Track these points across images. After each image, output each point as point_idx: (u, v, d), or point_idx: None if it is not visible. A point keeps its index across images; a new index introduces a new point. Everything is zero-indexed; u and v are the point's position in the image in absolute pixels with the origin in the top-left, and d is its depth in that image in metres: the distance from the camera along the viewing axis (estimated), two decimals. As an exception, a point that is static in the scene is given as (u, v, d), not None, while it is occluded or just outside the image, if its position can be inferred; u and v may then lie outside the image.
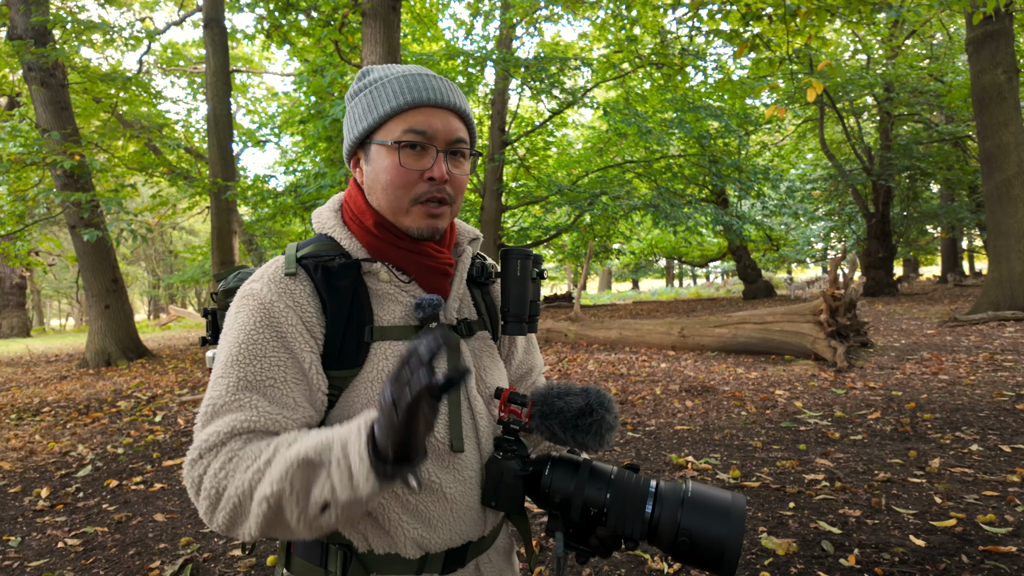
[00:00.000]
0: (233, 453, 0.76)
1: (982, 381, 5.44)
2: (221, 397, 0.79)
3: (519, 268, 0.96)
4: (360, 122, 0.90)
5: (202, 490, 0.75)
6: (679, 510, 0.77)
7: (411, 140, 0.85)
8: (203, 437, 0.78)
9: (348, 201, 0.95)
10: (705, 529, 0.75)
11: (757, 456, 3.89)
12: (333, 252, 0.89)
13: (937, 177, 18.49)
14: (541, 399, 0.87)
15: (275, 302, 0.83)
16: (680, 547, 0.77)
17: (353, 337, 0.86)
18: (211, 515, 0.76)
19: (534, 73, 12.82)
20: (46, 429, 5.70)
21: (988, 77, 9.62)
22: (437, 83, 0.88)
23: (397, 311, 0.89)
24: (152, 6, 17.37)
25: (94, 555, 2.97)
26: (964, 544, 2.57)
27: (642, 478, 0.83)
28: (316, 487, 0.69)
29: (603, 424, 0.85)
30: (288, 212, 10.86)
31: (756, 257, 25.38)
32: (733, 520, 0.75)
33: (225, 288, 1.06)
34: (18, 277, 21.55)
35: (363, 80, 0.92)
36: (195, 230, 35.27)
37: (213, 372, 0.83)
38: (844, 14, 7.11)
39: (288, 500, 0.70)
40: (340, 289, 0.86)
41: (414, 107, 0.86)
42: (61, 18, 9.82)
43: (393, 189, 0.87)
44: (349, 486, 0.67)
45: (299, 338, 0.83)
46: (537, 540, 2.87)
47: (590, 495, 0.82)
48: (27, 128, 9.53)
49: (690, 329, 8.59)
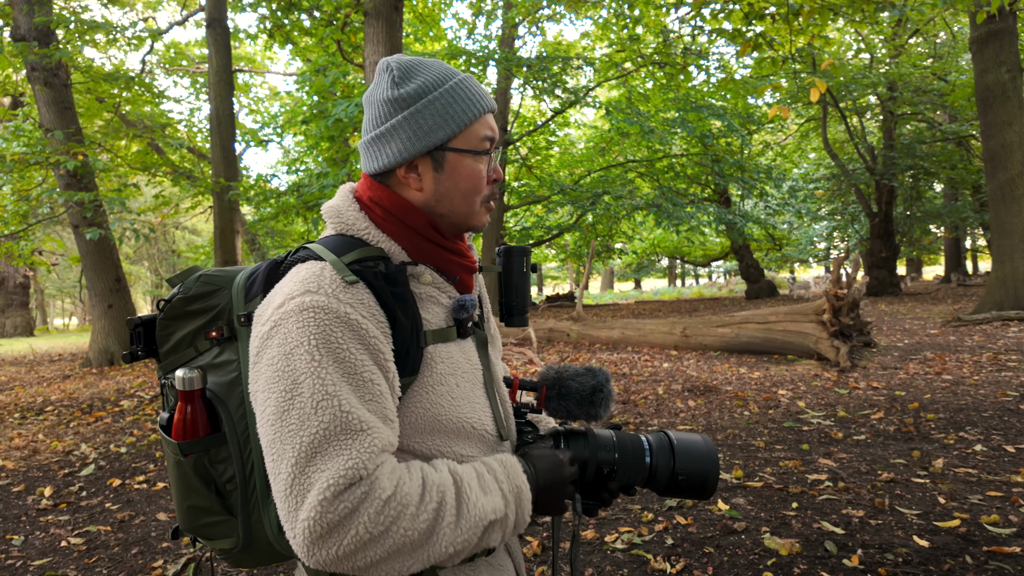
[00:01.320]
0: (386, 494, 0.71)
1: (986, 381, 5.42)
2: (336, 420, 0.71)
3: (524, 264, 1.04)
4: (437, 130, 0.86)
5: (350, 532, 0.69)
6: (671, 458, 0.95)
7: (488, 148, 0.90)
8: (336, 469, 0.69)
9: (376, 201, 0.89)
10: (693, 468, 0.95)
11: (760, 456, 3.88)
12: (376, 257, 0.84)
13: (940, 176, 18.45)
14: (555, 382, 0.98)
15: (350, 313, 0.76)
16: (679, 484, 0.95)
17: (414, 344, 0.83)
18: (354, 556, 0.70)
19: (536, 72, 12.81)
20: (49, 428, 5.72)
21: (992, 76, 9.59)
22: (482, 88, 0.92)
23: (440, 313, 0.89)
24: (155, 6, 17.40)
25: (97, 554, 2.97)
26: (968, 545, 2.56)
27: (634, 435, 0.99)
28: (492, 538, 0.80)
29: (611, 396, 0.99)
30: (291, 212, 10.87)
31: (759, 257, 25.35)
32: (711, 458, 0.95)
33: (186, 295, 0.91)
34: (22, 276, 21.61)
35: (409, 85, 0.86)
36: (198, 230, 35.33)
37: (294, 392, 0.72)
38: (847, 13, 7.09)
39: (463, 553, 0.78)
40: (403, 297, 0.83)
41: (484, 114, 0.90)
42: (64, 18, 9.85)
43: (474, 195, 0.90)
44: (513, 532, 0.82)
45: (382, 349, 0.78)
46: (539, 540, 2.87)
47: (603, 456, 0.96)
48: (31, 128, 9.56)
49: (693, 329, 8.57)
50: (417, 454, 0.85)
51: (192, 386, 0.87)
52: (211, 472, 0.88)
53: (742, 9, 6.82)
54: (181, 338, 0.92)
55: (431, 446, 0.85)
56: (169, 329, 0.93)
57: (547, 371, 1.00)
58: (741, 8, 6.84)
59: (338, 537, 0.69)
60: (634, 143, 15.85)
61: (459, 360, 0.89)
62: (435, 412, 0.84)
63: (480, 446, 0.90)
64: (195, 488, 0.89)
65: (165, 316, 0.93)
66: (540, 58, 13.13)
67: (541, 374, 1.00)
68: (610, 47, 14.48)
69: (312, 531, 0.69)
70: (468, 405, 0.88)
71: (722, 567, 2.53)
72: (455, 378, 0.87)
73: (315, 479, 0.70)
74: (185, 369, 0.87)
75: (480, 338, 0.96)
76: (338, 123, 8.18)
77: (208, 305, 0.91)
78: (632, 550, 2.73)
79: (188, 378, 0.86)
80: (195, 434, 0.87)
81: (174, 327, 0.93)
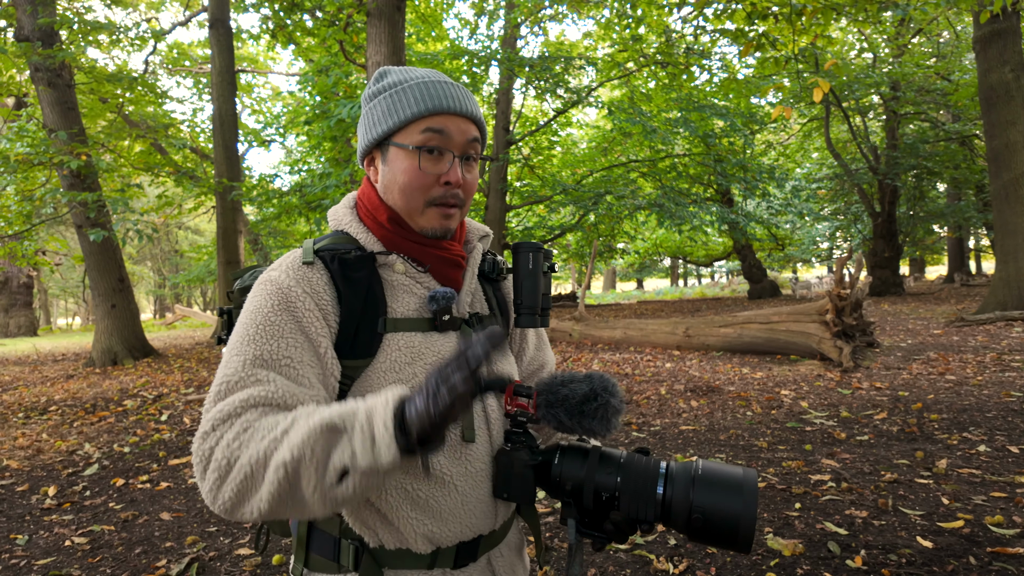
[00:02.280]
0: (248, 424, 0.74)
1: (989, 381, 5.41)
2: (236, 373, 0.78)
3: (531, 261, 0.97)
4: (380, 124, 0.92)
5: (212, 461, 0.72)
6: (691, 488, 0.77)
7: (431, 144, 0.89)
8: (216, 411, 0.76)
9: (362, 198, 0.98)
10: (718, 505, 0.75)
11: (763, 456, 3.88)
12: (349, 246, 0.91)
13: (944, 176, 18.40)
14: (545, 388, 0.87)
15: (292, 287, 0.84)
16: (694, 524, 0.76)
17: (367, 328, 0.87)
18: (218, 490, 0.72)
19: (538, 72, 12.82)
20: (53, 428, 5.73)
21: (995, 75, 9.57)
22: (455, 91, 0.91)
23: (411, 303, 0.91)
24: (158, 6, 17.44)
25: (101, 553, 2.98)
26: (972, 545, 2.55)
27: (652, 460, 0.82)
28: (336, 452, 0.68)
29: (608, 408, 0.84)
30: (293, 212, 10.89)
31: (761, 257, 25.33)
32: (746, 495, 0.74)
33: (241, 286, 1.06)
34: (25, 276, 21.68)
35: (382, 82, 0.95)
36: (200, 230, 35.41)
37: (226, 352, 0.83)
38: (850, 12, 7.07)
39: (307, 466, 0.67)
40: (355, 280, 0.88)
41: (434, 114, 0.89)
42: (68, 19, 9.87)
43: (411, 191, 0.90)
44: (370, 452, 0.66)
45: (315, 322, 0.84)
46: (545, 540, 2.87)
47: (600, 480, 0.81)
48: (34, 128, 9.59)
49: (695, 329, 8.57)
50: None
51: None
52: None
53: (745, 9, 6.81)
54: None
55: None
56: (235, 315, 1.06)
57: (544, 376, 0.93)
58: (744, 8, 6.82)
59: (210, 471, 0.72)
60: (636, 143, 15.83)
61: (424, 351, 0.89)
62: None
63: None
64: None
65: (235, 305, 1.05)
66: (542, 58, 13.14)
67: (539, 379, 0.92)
68: (612, 47, 14.47)
69: (196, 462, 0.75)
70: None
71: (725, 568, 2.53)
72: (413, 368, 0.88)
73: (204, 418, 0.77)
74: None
75: (466, 334, 0.94)
76: (340, 123, 8.19)
77: None
78: (635, 550, 2.73)
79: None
80: None
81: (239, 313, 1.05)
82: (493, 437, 0.94)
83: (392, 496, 0.86)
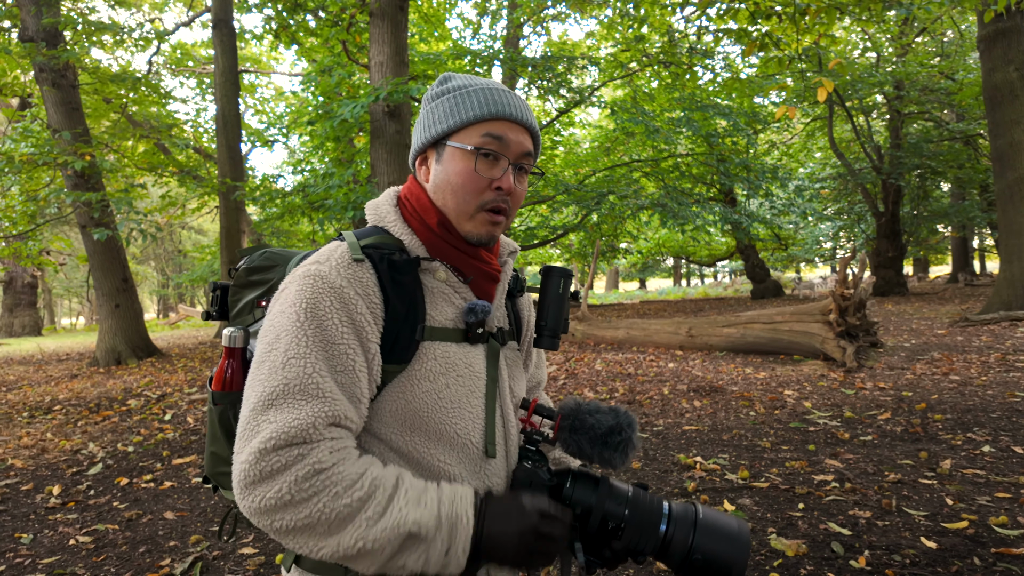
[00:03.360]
0: (322, 466, 0.74)
1: (994, 382, 5.39)
2: (299, 379, 0.77)
3: (560, 286, 1.00)
4: (440, 123, 0.92)
5: (274, 487, 0.73)
6: (692, 532, 0.84)
7: (488, 148, 0.89)
8: (281, 424, 0.74)
9: (408, 198, 0.95)
10: (715, 551, 0.83)
11: (766, 456, 3.87)
12: (393, 246, 0.90)
13: (948, 176, 18.33)
14: (571, 413, 0.91)
15: (345, 287, 0.82)
16: (694, 564, 0.83)
17: (407, 334, 0.86)
18: (268, 511, 0.74)
19: (541, 72, 12.80)
20: (57, 427, 5.75)
21: (1000, 75, 9.53)
22: (516, 100, 0.92)
23: (449, 312, 0.91)
24: (161, 7, 17.48)
25: (105, 552, 2.99)
26: (976, 546, 2.54)
27: (656, 498, 0.88)
28: (411, 558, 0.74)
29: (630, 444, 0.90)
30: (296, 212, 10.89)
31: (764, 256, 25.27)
32: (740, 544, 0.83)
33: (250, 266, 1.04)
34: (30, 276, 21.75)
35: (446, 84, 0.95)
36: (204, 230, 35.48)
37: (274, 345, 0.79)
38: (854, 12, 7.05)
39: (373, 557, 0.74)
40: (403, 284, 0.87)
41: (496, 119, 0.89)
42: (72, 19, 9.90)
43: (464, 193, 0.89)
44: (441, 564, 0.74)
45: (367, 327, 0.83)
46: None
47: (610, 509, 0.86)
48: (39, 129, 9.62)
49: (698, 329, 8.55)
50: (394, 448, 0.86)
51: (234, 343, 0.97)
52: (233, 426, 0.96)
53: (748, 8, 6.79)
54: (244, 304, 1.04)
55: (409, 443, 0.86)
56: (237, 296, 1.05)
57: (567, 401, 0.95)
58: (747, 7, 6.81)
59: (263, 489, 0.73)
60: (639, 143, 15.81)
61: (457, 363, 0.89)
62: (416, 407, 0.85)
63: (460, 456, 0.88)
64: (217, 437, 0.97)
65: (235, 283, 1.05)
66: (545, 58, 13.12)
67: (561, 403, 0.94)
68: (615, 47, 14.46)
69: (245, 475, 0.74)
70: (456, 410, 0.88)
71: (728, 568, 2.52)
72: (446, 378, 0.88)
73: (263, 428, 0.75)
74: (232, 328, 0.98)
75: (493, 349, 0.94)
76: (343, 124, 8.20)
77: (265, 278, 1.03)
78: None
79: (233, 335, 0.97)
80: (228, 387, 0.96)
81: (240, 294, 1.05)
82: (510, 453, 0.95)
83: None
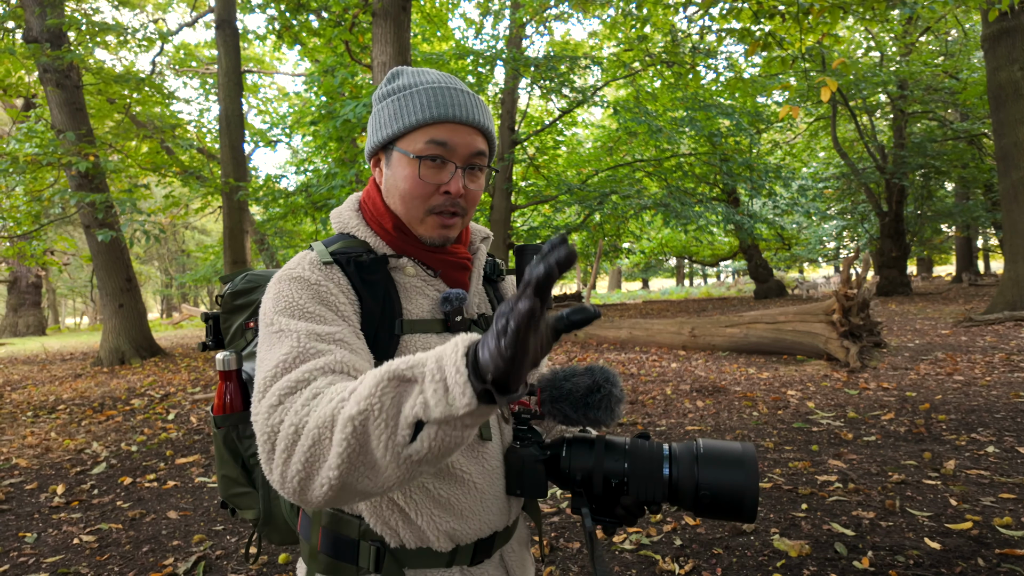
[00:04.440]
0: (319, 389, 0.70)
1: (998, 382, 5.37)
2: (294, 349, 0.75)
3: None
4: (385, 128, 0.91)
5: (280, 430, 0.68)
6: (695, 467, 0.80)
7: (432, 154, 0.87)
8: (283, 382, 0.72)
9: (367, 202, 0.97)
10: (722, 481, 0.79)
11: (769, 457, 3.86)
12: (360, 249, 0.91)
13: (952, 175, 18.27)
14: (549, 384, 0.88)
15: (321, 281, 0.84)
16: (702, 500, 0.79)
17: (385, 330, 0.87)
18: (286, 464, 0.67)
19: (544, 72, 12.81)
20: (62, 427, 5.77)
21: (1004, 74, 9.50)
22: (464, 99, 0.89)
23: (424, 304, 0.92)
24: (165, 7, 17.53)
25: (109, 551, 3.00)
26: (980, 547, 2.53)
27: (655, 443, 0.85)
28: (407, 403, 0.62)
29: (611, 398, 0.87)
30: (299, 212, 10.90)
31: (768, 256, 25.22)
32: (747, 468, 0.78)
33: (233, 291, 1.05)
34: (34, 276, 21.83)
35: (393, 83, 0.94)
36: (207, 230, 35.55)
37: (267, 341, 0.79)
38: (858, 11, 7.03)
39: (375, 421, 0.62)
40: (373, 283, 0.88)
41: (439, 122, 0.88)
42: (76, 20, 9.93)
43: (410, 199, 0.89)
44: (444, 400, 0.59)
45: (344, 310, 0.84)
46: (548, 540, 2.87)
47: (609, 467, 0.84)
48: (43, 129, 9.65)
49: (701, 329, 8.54)
50: None
51: (228, 367, 0.99)
52: (238, 447, 0.99)
53: (751, 8, 6.78)
54: (236, 329, 1.05)
55: None
56: (228, 322, 1.07)
57: (544, 372, 0.94)
58: (750, 7, 6.80)
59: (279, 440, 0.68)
60: (642, 142, 15.81)
61: None
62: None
63: None
64: (226, 459, 0.99)
65: (223, 310, 1.06)
66: (547, 58, 13.12)
67: (539, 376, 0.94)
68: (618, 46, 14.45)
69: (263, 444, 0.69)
70: None
71: (731, 568, 2.52)
72: None
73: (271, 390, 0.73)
74: (225, 352, 1.00)
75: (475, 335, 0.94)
76: (346, 124, 8.20)
77: (250, 300, 1.05)
78: (640, 551, 2.73)
79: (226, 359, 0.99)
80: (229, 410, 0.98)
81: (230, 320, 1.06)
82: (504, 435, 0.95)
83: (415, 495, 0.87)
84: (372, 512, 0.88)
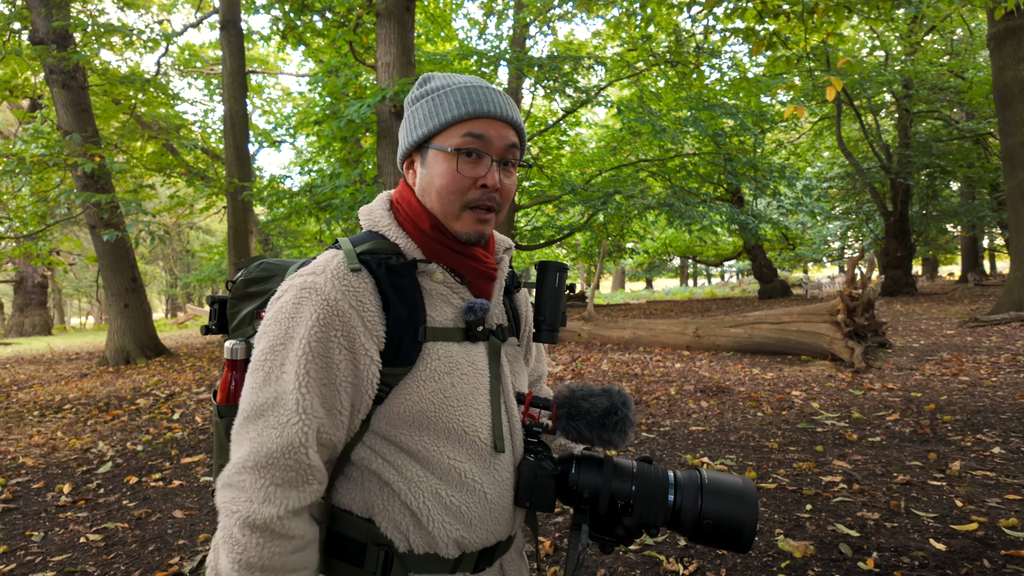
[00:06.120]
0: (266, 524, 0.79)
1: (1004, 383, 5.35)
2: (290, 394, 0.80)
3: (556, 280, 1.00)
4: (420, 127, 0.93)
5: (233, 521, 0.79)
6: (699, 497, 0.85)
7: (469, 147, 0.89)
8: (261, 442, 0.79)
9: (400, 202, 0.96)
10: (725, 512, 0.83)
11: (773, 457, 3.86)
12: (389, 251, 0.91)
13: (957, 175, 18.20)
14: (566, 401, 0.92)
15: (340, 300, 0.83)
16: (704, 530, 0.84)
17: (410, 336, 0.87)
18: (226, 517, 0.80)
19: (547, 72, 12.79)
20: (68, 426, 5.80)
21: (1010, 73, 9.46)
22: (497, 96, 0.92)
23: (448, 312, 0.92)
24: (170, 8, 17.58)
25: (115, 550, 3.02)
26: (985, 548, 2.53)
27: (661, 469, 0.89)
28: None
29: (627, 422, 0.91)
30: (303, 212, 10.94)
31: (772, 256, 25.17)
32: (748, 503, 0.83)
33: (247, 278, 1.05)
34: (40, 276, 21.93)
35: (425, 86, 0.95)
36: (212, 230, 35.67)
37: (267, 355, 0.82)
38: (862, 10, 7.01)
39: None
40: (402, 288, 0.88)
41: (474, 118, 0.90)
42: (82, 22, 9.99)
43: (447, 193, 0.90)
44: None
45: (362, 341, 0.84)
46: (551, 540, 2.87)
47: (617, 488, 0.87)
48: (49, 130, 9.71)
49: (705, 329, 8.53)
50: (404, 449, 0.88)
51: (236, 356, 0.98)
52: None
53: (755, 7, 6.77)
54: (244, 316, 1.04)
55: (419, 442, 0.88)
56: (236, 308, 1.06)
57: (562, 389, 0.97)
58: (754, 6, 6.78)
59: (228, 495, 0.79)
60: (646, 142, 15.78)
61: (460, 361, 0.90)
62: (423, 407, 0.87)
63: (470, 452, 0.90)
64: (225, 449, 0.99)
65: (232, 296, 1.05)
66: (551, 58, 13.12)
67: (556, 392, 0.96)
68: (621, 46, 14.43)
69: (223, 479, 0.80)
70: (462, 408, 0.89)
71: (735, 569, 2.52)
72: (451, 377, 0.89)
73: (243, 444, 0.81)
74: (233, 340, 0.99)
75: (494, 346, 0.96)
76: (350, 124, 8.22)
77: (263, 288, 1.04)
78: (645, 551, 2.73)
79: (234, 348, 0.98)
80: (233, 399, 0.96)
81: (239, 306, 1.05)
82: (516, 447, 0.96)
83: (428, 501, 0.87)
84: (384, 515, 0.88)
